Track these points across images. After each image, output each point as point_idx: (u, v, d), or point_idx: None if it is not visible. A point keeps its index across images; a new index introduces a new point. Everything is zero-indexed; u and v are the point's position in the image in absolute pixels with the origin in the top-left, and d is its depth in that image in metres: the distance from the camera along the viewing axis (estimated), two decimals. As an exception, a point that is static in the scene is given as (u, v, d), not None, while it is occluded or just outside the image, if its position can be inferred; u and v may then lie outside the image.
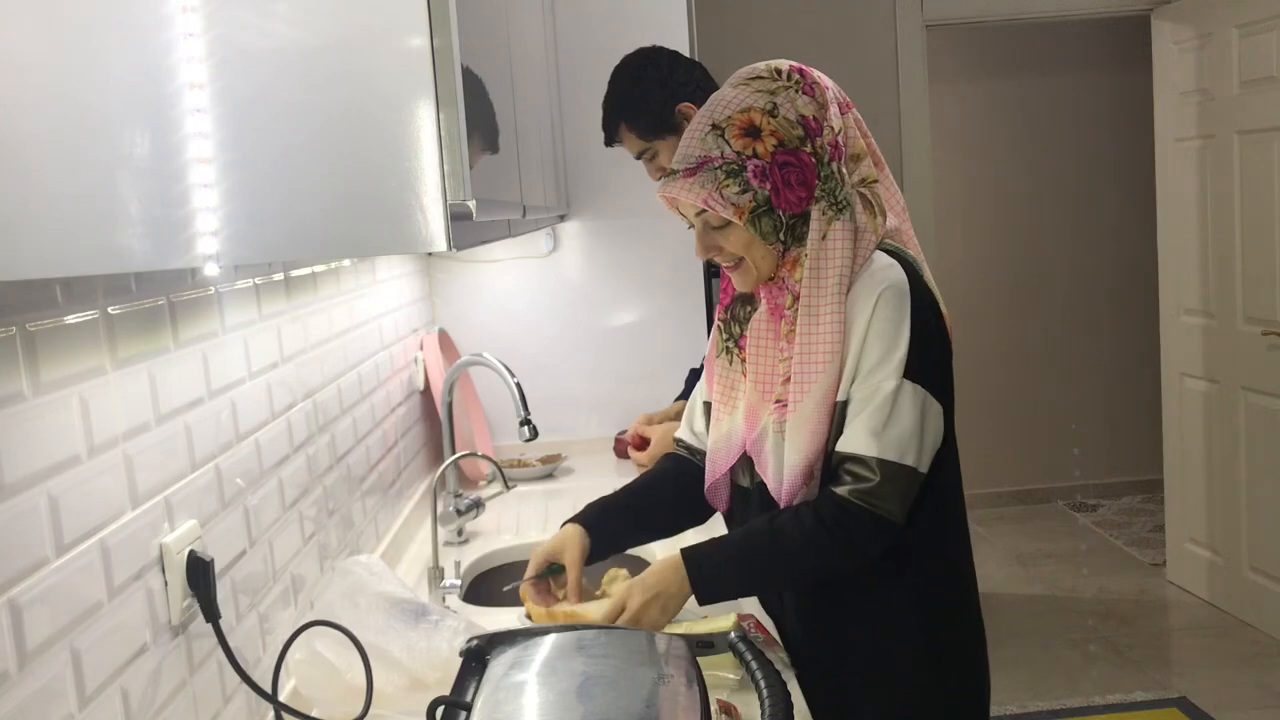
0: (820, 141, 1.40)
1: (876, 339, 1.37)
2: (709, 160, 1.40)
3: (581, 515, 1.63)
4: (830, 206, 1.40)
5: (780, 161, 1.39)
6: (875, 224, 1.44)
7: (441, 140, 0.88)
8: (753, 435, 1.48)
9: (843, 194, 1.41)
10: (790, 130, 1.40)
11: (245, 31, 0.86)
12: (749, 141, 1.39)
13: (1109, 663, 3.75)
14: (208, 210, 0.87)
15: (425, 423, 2.70)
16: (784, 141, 1.39)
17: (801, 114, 1.40)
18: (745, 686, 1.40)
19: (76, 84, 0.81)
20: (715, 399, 1.57)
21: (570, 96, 2.85)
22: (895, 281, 1.39)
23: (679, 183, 1.42)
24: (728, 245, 1.44)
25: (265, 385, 1.51)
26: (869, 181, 1.46)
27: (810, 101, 1.41)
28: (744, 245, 1.43)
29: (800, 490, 1.42)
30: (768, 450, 1.46)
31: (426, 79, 0.88)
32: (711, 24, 4.14)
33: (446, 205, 0.89)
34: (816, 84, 1.43)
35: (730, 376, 1.55)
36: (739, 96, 1.42)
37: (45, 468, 0.95)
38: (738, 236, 1.42)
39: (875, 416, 1.36)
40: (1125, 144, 5.33)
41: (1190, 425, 4.13)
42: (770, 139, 1.39)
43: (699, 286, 3.01)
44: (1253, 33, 3.65)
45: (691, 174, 1.41)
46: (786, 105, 1.40)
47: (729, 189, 1.39)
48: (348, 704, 1.34)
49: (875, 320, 1.37)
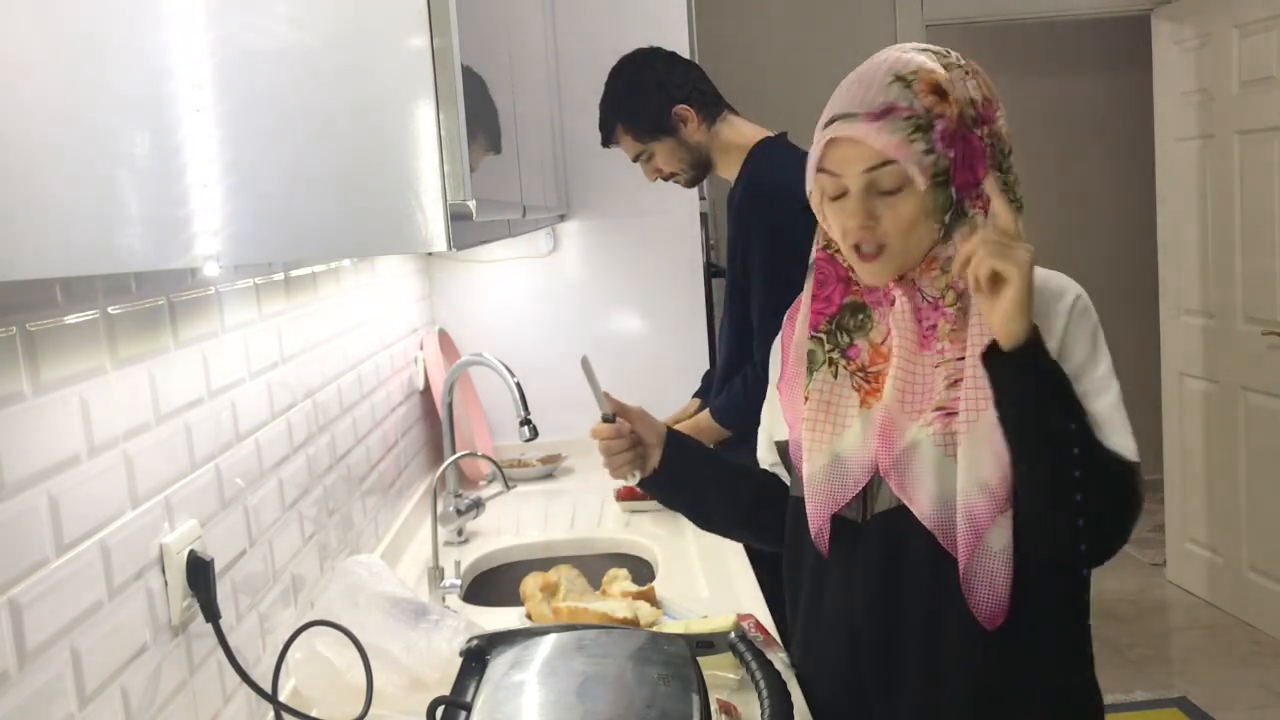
0: (993, 129, 1.24)
1: (1080, 344, 1.24)
2: (896, 109, 1.20)
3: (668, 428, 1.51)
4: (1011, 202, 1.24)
5: (961, 135, 1.21)
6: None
7: (441, 140, 0.88)
8: (893, 452, 1.24)
9: (1019, 194, 1.25)
10: (966, 107, 1.22)
11: (246, 31, 0.86)
12: (937, 100, 1.20)
13: (1109, 663, 3.75)
14: (208, 210, 0.87)
15: (425, 423, 2.70)
16: (964, 116, 1.22)
17: (972, 96, 1.23)
18: (745, 686, 1.40)
19: (77, 84, 0.81)
20: (810, 425, 1.31)
21: (570, 96, 2.85)
22: (1080, 291, 1.26)
23: (862, 125, 1.20)
24: (892, 215, 1.23)
25: (265, 385, 1.51)
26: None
27: (979, 87, 1.25)
28: (908, 218, 1.22)
29: (993, 519, 1.19)
30: (922, 468, 1.23)
31: (426, 79, 0.88)
32: (711, 24, 4.14)
33: (446, 205, 0.89)
34: (980, 73, 1.27)
35: (835, 393, 1.31)
36: (917, 58, 1.23)
37: (45, 468, 0.95)
38: (907, 206, 1.22)
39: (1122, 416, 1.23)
40: (1125, 144, 5.33)
41: (1190, 425, 4.13)
42: (954, 106, 1.21)
43: (699, 286, 3.01)
44: (1253, 33, 3.65)
45: (878, 119, 1.20)
46: (960, 84, 1.23)
47: (917, 144, 1.19)
48: (348, 704, 1.34)
49: (1077, 315, 1.24)
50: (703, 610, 1.77)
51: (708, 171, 2.32)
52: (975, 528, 1.20)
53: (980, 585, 1.21)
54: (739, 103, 2.33)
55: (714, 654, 1.39)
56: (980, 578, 1.21)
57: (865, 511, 1.29)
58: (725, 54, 4.23)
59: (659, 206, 2.93)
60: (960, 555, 1.21)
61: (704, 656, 1.33)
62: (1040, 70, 5.41)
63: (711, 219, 3.66)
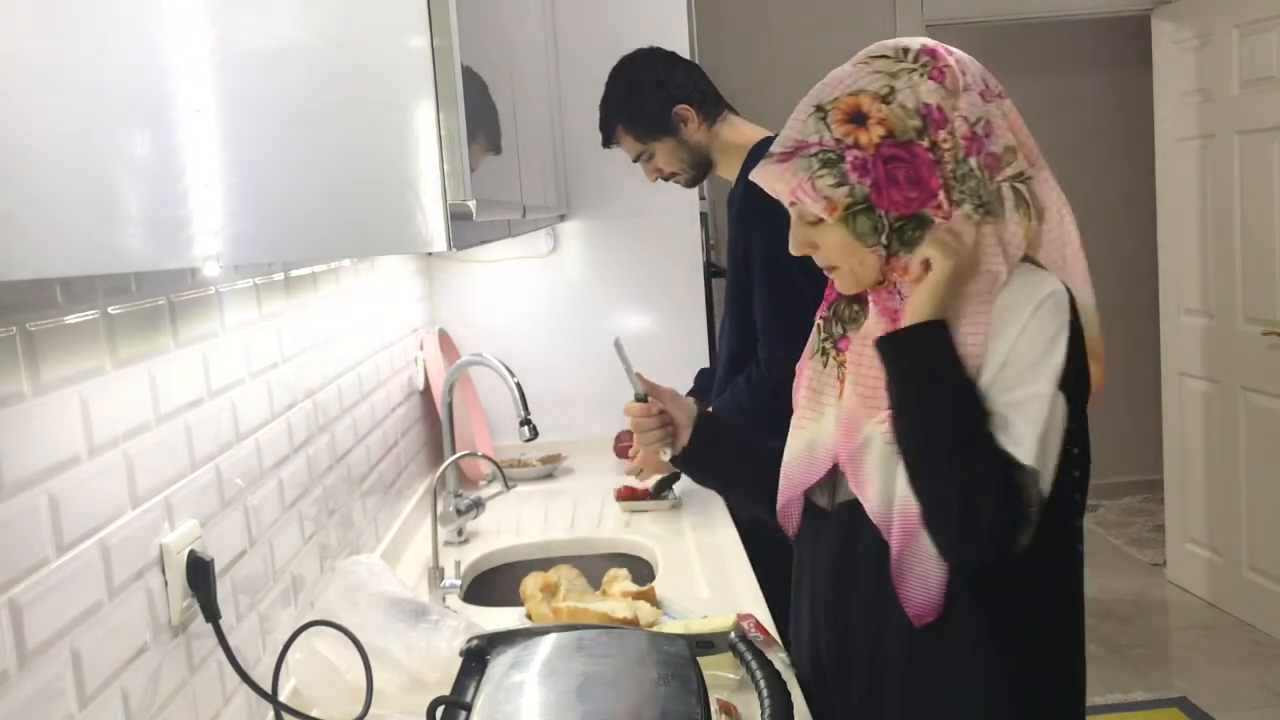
0: (944, 134, 1.22)
1: (1030, 341, 1.19)
2: (805, 146, 1.23)
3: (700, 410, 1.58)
4: (977, 209, 1.22)
5: (886, 155, 1.21)
6: (1028, 226, 1.25)
7: (441, 140, 0.88)
8: (851, 445, 1.28)
9: (988, 193, 1.23)
10: (905, 120, 1.21)
11: (245, 31, 0.86)
12: (852, 129, 1.22)
13: (1109, 663, 3.75)
14: (208, 210, 0.87)
15: (425, 423, 2.70)
16: (894, 133, 1.21)
17: (923, 102, 1.22)
18: (745, 686, 1.40)
19: (76, 84, 0.81)
20: (799, 405, 1.38)
21: (570, 96, 2.85)
22: (1057, 291, 1.21)
23: (771, 168, 1.26)
24: (822, 244, 1.27)
25: (265, 385, 1.51)
26: (1024, 177, 1.27)
27: (937, 88, 1.22)
28: (840, 246, 1.25)
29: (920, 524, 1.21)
30: (870, 464, 1.26)
31: (426, 79, 0.88)
32: (711, 24, 4.14)
33: (446, 205, 0.89)
34: (949, 68, 1.24)
35: (821, 380, 1.35)
36: (853, 76, 1.25)
37: (45, 468, 0.95)
38: (832, 236, 1.25)
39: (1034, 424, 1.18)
40: (1125, 144, 5.33)
41: (1190, 425, 4.13)
42: (877, 128, 1.21)
43: (700, 286, 3.01)
44: (1253, 33, 3.65)
45: (785, 159, 1.24)
46: (906, 91, 1.22)
47: (823, 180, 1.22)
48: (348, 704, 1.34)
49: (1031, 324, 1.20)
50: (703, 610, 1.77)
51: (708, 171, 2.32)
52: (907, 527, 1.22)
53: (913, 582, 1.24)
54: (739, 103, 2.33)
55: (714, 654, 1.39)
56: (913, 576, 1.24)
57: (833, 498, 1.33)
58: (725, 54, 4.23)
59: (659, 206, 2.93)
60: (893, 552, 1.24)
61: (704, 656, 1.33)
62: (1040, 70, 5.40)
63: (711, 219, 3.66)
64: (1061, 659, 1.31)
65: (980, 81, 1.27)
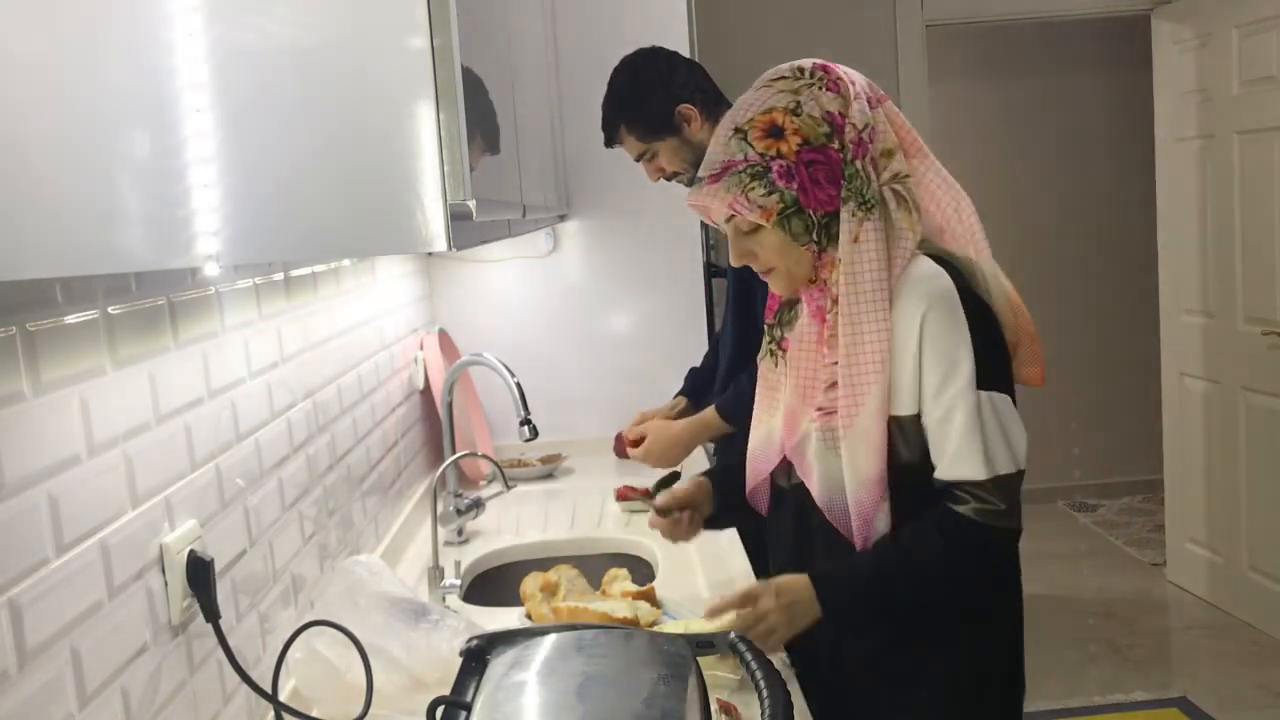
0: (844, 139, 1.37)
1: (936, 357, 1.34)
2: (733, 165, 1.39)
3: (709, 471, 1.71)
4: (860, 207, 1.37)
5: (806, 160, 1.36)
6: (912, 221, 1.39)
7: (441, 140, 0.88)
8: (793, 440, 1.46)
9: (870, 192, 1.37)
10: (815, 128, 1.37)
11: (245, 31, 0.86)
12: (772, 142, 1.37)
13: (1109, 663, 3.75)
14: (208, 210, 0.87)
15: (425, 423, 2.70)
16: (809, 139, 1.37)
17: (826, 110, 1.38)
18: (745, 686, 1.40)
19: (77, 84, 0.81)
20: (757, 402, 1.55)
21: (570, 96, 2.85)
22: (942, 293, 1.35)
23: (705, 190, 1.41)
24: (761, 250, 1.42)
25: (265, 385, 1.51)
26: (901, 177, 1.40)
27: (835, 97, 1.38)
28: (776, 249, 1.41)
29: (877, 508, 1.38)
30: (811, 457, 1.43)
31: (426, 79, 0.88)
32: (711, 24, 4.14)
33: (446, 205, 0.89)
34: (841, 79, 1.40)
35: (772, 379, 1.53)
36: (761, 98, 1.40)
37: (45, 468, 0.95)
38: (769, 240, 1.40)
39: (969, 438, 1.33)
40: (1125, 144, 5.32)
41: (1190, 425, 4.13)
42: (794, 138, 1.37)
43: (699, 286, 3.01)
44: (1253, 33, 3.65)
45: (717, 179, 1.40)
46: (810, 103, 1.38)
47: (754, 191, 1.37)
48: (348, 704, 1.34)
49: (928, 336, 1.34)
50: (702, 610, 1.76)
51: (709, 171, 2.32)
52: (864, 516, 1.38)
53: None
54: (739, 103, 2.33)
55: (714, 654, 1.39)
56: None
57: (790, 480, 1.50)
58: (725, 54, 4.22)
59: (659, 206, 2.93)
60: (856, 541, 1.40)
61: (704, 656, 1.33)
62: (1040, 70, 5.40)
63: (711, 219, 3.66)
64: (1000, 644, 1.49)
65: (866, 89, 1.42)
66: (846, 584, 1.40)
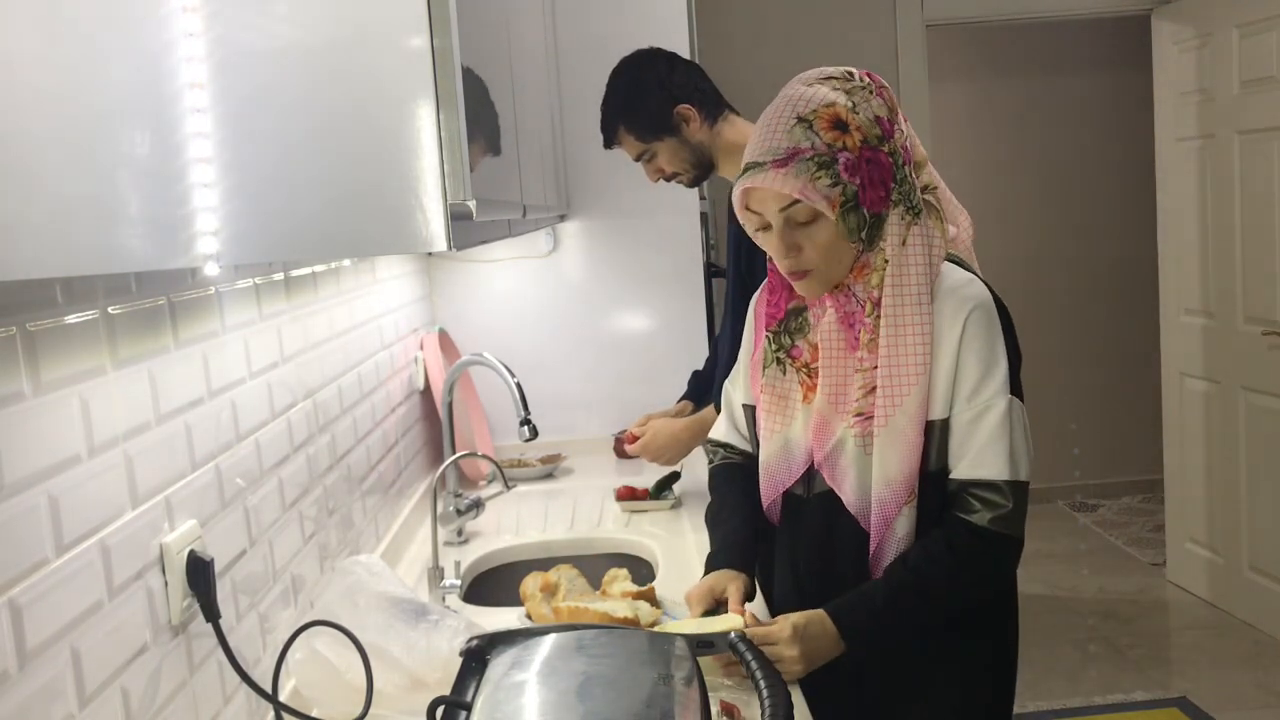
0: (893, 144, 1.39)
1: (975, 359, 1.37)
2: (800, 151, 1.35)
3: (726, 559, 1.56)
4: (908, 211, 1.39)
5: (867, 158, 1.36)
6: (944, 230, 1.43)
7: (441, 140, 0.88)
8: (825, 448, 1.45)
9: (916, 198, 1.40)
10: (871, 129, 1.37)
11: (245, 31, 0.86)
12: (838, 134, 1.36)
13: (1109, 663, 3.75)
14: (208, 210, 0.87)
15: (425, 423, 2.70)
16: (868, 139, 1.37)
17: (877, 114, 1.39)
18: (745, 686, 1.40)
19: (77, 84, 0.81)
20: (765, 411, 1.53)
21: (570, 96, 2.85)
22: (983, 300, 1.39)
23: (769, 173, 1.36)
24: (810, 243, 1.39)
25: (265, 385, 1.51)
26: (931, 188, 1.45)
27: (883, 104, 1.40)
28: (826, 244, 1.39)
29: (900, 510, 1.39)
30: (846, 463, 1.43)
31: (426, 79, 0.88)
32: (711, 24, 4.14)
33: (446, 205, 0.89)
34: (886, 88, 1.43)
35: (783, 387, 1.50)
36: (819, 93, 1.39)
37: (45, 468, 0.95)
38: (822, 234, 1.38)
39: (998, 439, 1.35)
40: (1125, 144, 5.33)
41: (1190, 425, 4.13)
42: (857, 134, 1.36)
43: (699, 286, 3.01)
44: (1253, 33, 3.65)
45: (783, 165, 1.35)
46: (864, 105, 1.38)
47: (821, 181, 1.35)
48: (348, 704, 1.34)
49: (969, 339, 1.37)
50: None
51: (710, 171, 2.32)
52: (884, 516, 1.40)
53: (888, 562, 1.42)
54: (739, 103, 2.33)
55: (714, 654, 1.39)
56: (888, 558, 1.42)
57: (810, 489, 1.49)
58: (725, 54, 4.23)
59: (659, 206, 2.93)
60: (871, 538, 1.42)
61: (704, 656, 1.33)
62: (1040, 70, 5.40)
63: (711, 219, 3.66)
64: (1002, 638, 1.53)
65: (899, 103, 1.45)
66: (865, 618, 1.39)
